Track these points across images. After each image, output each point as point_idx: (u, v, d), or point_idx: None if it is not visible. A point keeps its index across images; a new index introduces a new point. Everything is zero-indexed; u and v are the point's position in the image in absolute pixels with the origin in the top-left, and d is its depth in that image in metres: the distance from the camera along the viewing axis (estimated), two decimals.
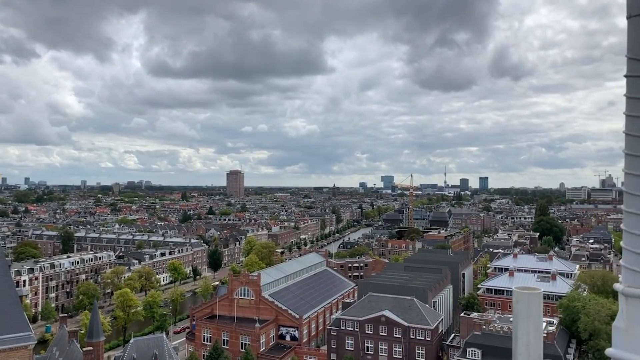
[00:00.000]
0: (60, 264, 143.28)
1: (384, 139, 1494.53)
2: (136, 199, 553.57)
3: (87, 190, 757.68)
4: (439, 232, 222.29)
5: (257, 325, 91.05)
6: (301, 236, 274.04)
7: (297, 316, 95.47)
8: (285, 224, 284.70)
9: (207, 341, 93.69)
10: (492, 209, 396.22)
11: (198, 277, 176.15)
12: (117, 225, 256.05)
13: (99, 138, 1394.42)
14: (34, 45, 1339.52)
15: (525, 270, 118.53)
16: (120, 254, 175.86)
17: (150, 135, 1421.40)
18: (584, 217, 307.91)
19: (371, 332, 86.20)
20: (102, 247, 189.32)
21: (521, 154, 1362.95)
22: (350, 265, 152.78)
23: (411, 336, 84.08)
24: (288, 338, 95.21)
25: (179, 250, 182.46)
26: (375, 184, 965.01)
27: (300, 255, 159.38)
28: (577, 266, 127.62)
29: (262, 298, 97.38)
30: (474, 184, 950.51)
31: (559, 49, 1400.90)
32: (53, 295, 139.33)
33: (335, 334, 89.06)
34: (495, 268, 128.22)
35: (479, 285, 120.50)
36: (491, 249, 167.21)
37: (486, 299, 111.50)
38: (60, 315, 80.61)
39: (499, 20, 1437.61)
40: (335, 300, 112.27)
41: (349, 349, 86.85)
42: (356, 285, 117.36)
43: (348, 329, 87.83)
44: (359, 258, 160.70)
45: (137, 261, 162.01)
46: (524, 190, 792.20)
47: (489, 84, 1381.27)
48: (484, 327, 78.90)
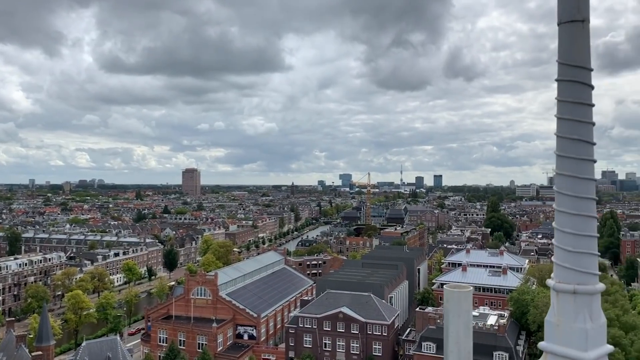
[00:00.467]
0: (6, 266, 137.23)
1: (342, 138, 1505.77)
2: (88, 198, 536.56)
3: (36, 190, 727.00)
4: (396, 229, 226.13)
5: (215, 325, 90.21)
6: (259, 235, 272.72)
7: (255, 315, 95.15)
8: (243, 222, 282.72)
9: (163, 342, 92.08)
10: (446, 206, 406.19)
11: (153, 278, 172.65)
12: (68, 226, 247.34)
13: (48, 135, 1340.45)
14: None
15: (478, 265, 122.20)
16: (72, 255, 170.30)
17: (103, 133, 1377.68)
18: (533, 213, 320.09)
19: (329, 329, 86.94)
20: (52, 248, 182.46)
21: (473, 152, 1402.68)
22: (308, 263, 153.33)
23: (368, 332, 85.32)
24: (246, 337, 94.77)
25: (133, 250, 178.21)
26: (333, 182, 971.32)
27: (259, 254, 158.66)
28: (527, 261, 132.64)
29: (220, 297, 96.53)
30: (429, 181, 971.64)
31: (510, 51, 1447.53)
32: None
33: (293, 331, 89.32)
34: (449, 263, 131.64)
35: (433, 281, 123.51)
36: (445, 245, 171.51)
37: (440, 294, 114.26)
38: (7, 319, 77.48)
39: (453, 22, 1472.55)
40: (294, 298, 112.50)
41: (307, 346, 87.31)
42: (314, 283, 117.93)
43: (306, 326, 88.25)
44: (317, 256, 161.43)
45: (90, 262, 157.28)
46: (476, 188, 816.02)
47: (443, 84, 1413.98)
48: (438, 322, 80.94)
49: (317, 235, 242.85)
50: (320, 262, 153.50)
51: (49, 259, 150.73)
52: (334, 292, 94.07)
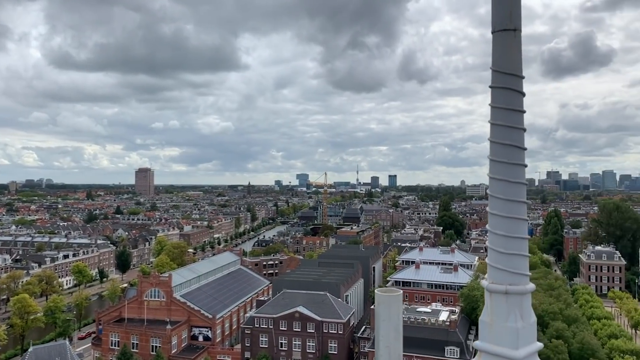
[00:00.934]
0: None
1: (299, 138, 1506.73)
2: (36, 198, 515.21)
3: None
4: (352, 228, 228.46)
5: (169, 326, 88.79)
6: (215, 235, 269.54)
7: (210, 316, 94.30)
8: (198, 223, 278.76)
9: (115, 346, 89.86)
10: (400, 205, 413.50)
11: (105, 280, 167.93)
12: (14, 227, 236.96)
13: None
14: None
15: (430, 263, 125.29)
16: (18, 257, 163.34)
17: (52, 131, 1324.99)
18: (483, 212, 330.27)
19: (285, 329, 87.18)
20: None
21: (426, 153, 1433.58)
22: (265, 263, 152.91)
23: (324, 330, 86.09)
24: (201, 338, 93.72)
25: (84, 252, 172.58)
26: (290, 182, 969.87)
27: (214, 254, 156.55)
28: (477, 258, 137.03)
29: (174, 299, 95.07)
30: (384, 181, 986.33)
31: (461, 55, 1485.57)
32: None
33: (249, 332, 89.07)
34: (403, 261, 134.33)
35: (388, 278, 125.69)
36: (399, 243, 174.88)
37: None
38: None
39: (407, 26, 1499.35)
40: (250, 298, 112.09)
41: (263, 346, 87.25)
42: (271, 283, 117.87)
43: (262, 326, 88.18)
44: (274, 256, 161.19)
45: (37, 264, 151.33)
46: (429, 188, 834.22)
47: (397, 86, 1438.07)
48: None
49: (274, 235, 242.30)
50: (276, 262, 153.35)
51: None
52: (290, 292, 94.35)
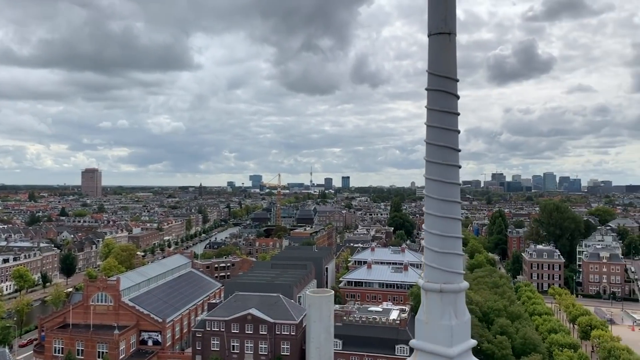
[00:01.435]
0: None
1: (252, 139, 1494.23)
2: None
3: None
4: (305, 229, 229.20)
5: (116, 331, 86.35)
6: (165, 237, 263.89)
7: (160, 320, 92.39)
8: (148, 225, 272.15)
9: (59, 353, 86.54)
10: (353, 206, 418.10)
11: (48, 284, 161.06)
12: None
13: None
14: None
15: (382, 263, 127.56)
16: None
17: None
18: None
19: (237, 331, 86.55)
20: None
21: (378, 155, 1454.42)
22: (217, 265, 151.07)
23: (277, 332, 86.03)
24: (150, 343, 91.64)
25: (25, 256, 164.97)
26: (243, 183, 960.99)
27: (164, 257, 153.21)
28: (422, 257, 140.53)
29: (122, 303, 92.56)
30: (337, 182, 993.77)
31: (411, 60, 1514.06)
32: None
33: (200, 335, 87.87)
34: (355, 261, 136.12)
35: (340, 279, 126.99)
36: (352, 244, 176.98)
37: (347, 291, 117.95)
38: None
39: (359, 30, 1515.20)
40: (201, 301, 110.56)
41: (215, 349, 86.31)
42: (223, 286, 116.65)
43: (214, 329, 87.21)
44: (226, 258, 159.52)
45: None
46: (381, 189, 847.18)
47: (350, 89, 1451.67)
48: (344, 318, 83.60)
49: (226, 237, 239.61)
50: (228, 265, 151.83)
51: None
52: (243, 294, 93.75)
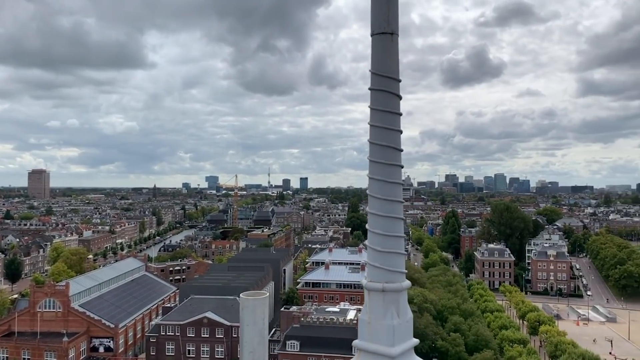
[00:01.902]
0: None
1: (208, 139, 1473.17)
2: None
3: None
4: (263, 231, 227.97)
5: (65, 339, 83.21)
6: (117, 240, 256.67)
7: (112, 325, 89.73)
8: (99, 227, 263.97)
9: None
10: (311, 207, 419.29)
11: None
12: None
13: None
14: None
15: (339, 263, 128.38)
16: None
17: None
18: None
19: (193, 335, 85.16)
20: None
21: (336, 156, 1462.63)
22: (171, 268, 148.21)
23: (234, 335, 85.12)
24: (102, 350, 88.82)
25: None
26: (199, 185, 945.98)
27: (117, 261, 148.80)
28: None
29: (71, 309, 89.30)
30: (295, 183, 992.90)
31: (368, 62, 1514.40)
32: None
33: (154, 340, 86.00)
34: (313, 262, 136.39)
35: (298, 280, 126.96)
36: (310, 245, 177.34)
37: (305, 292, 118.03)
38: None
39: (317, 31, 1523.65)
40: (155, 305, 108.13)
41: (170, 354, 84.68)
42: (178, 289, 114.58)
43: (169, 334, 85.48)
44: (181, 261, 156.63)
45: None
46: (339, 190, 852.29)
47: (308, 90, 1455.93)
48: (302, 320, 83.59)
49: (181, 240, 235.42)
50: (184, 268, 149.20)
51: None
52: (199, 298, 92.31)
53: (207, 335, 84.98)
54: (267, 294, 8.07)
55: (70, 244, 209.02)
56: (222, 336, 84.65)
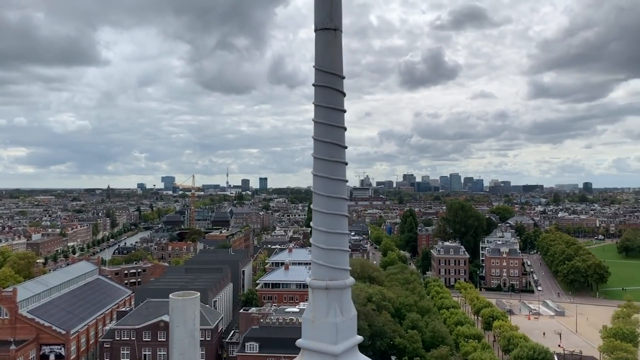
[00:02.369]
0: None
1: (164, 138, 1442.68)
2: None
3: None
4: (221, 232, 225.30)
5: (13, 347, 79.70)
6: (69, 243, 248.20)
7: (64, 332, 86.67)
8: (50, 230, 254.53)
9: None
10: (271, 207, 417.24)
11: None
12: None
13: None
14: None
15: (299, 263, 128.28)
16: None
17: None
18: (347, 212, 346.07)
19: (149, 340, 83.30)
20: None
21: (296, 156, 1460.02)
22: (126, 271, 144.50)
23: None
24: (53, 357, 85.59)
25: None
26: (155, 185, 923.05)
27: (68, 264, 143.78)
28: None
29: (19, 316, 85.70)
30: (255, 184, 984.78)
31: None
32: None
33: (109, 346, 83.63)
34: (272, 263, 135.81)
35: (257, 281, 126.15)
36: (269, 245, 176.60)
37: (264, 293, 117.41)
38: None
39: (276, 30, 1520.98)
40: (110, 310, 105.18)
41: (125, 359, 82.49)
42: (133, 293, 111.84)
43: (124, 338, 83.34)
44: (136, 263, 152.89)
45: None
46: (299, 190, 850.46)
47: (267, 90, 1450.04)
48: (261, 321, 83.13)
49: (137, 242, 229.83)
50: (139, 271, 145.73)
51: None
52: (155, 301, 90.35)
53: (164, 339, 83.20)
54: (198, 294, 7.90)
55: (18, 247, 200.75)
56: None
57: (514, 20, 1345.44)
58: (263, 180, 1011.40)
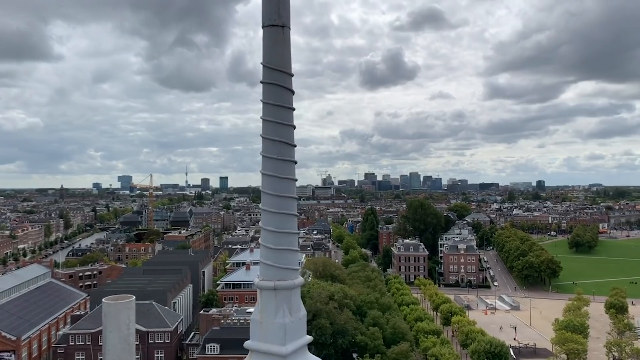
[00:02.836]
0: None
1: (121, 137, 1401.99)
2: None
3: None
4: (180, 232, 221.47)
5: None
6: (19, 246, 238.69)
7: (14, 337, 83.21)
8: None
9: None
10: (232, 207, 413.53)
11: None
12: None
13: None
14: None
15: None
16: None
17: None
18: (309, 212, 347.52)
19: None
20: None
21: (257, 155, 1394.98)
22: (81, 274, 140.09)
23: (150, 340, 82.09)
24: None
25: None
26: (111, 185, 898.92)
27: (19, 267, 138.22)
28: (304, 255, 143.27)
29: None
30: (215, 183, 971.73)
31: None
32: None
33: (62, 351, 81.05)
34: (233, 263, 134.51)
35: (218, 282, 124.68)
36: (230, 245, 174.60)
37: (225, 294, 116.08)
38: None
39: (236, 28, 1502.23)
40: (63, 314, 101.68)
41: None
42: (88, 296, 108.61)
43: (78, 343, 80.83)
44: (91, 266, 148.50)
45: None
46: (260, 189, 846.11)
47: (227, 87, 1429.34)
48: (222, 322, 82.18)
49: (92, 243, 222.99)
50: (95, 273, 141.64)
51: None
52: None
53: None
54: (133, 297, 7.62)
55: None
56: (138, 342, 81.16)
57: (471, 23, 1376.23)
58: (224, 180, 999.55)
